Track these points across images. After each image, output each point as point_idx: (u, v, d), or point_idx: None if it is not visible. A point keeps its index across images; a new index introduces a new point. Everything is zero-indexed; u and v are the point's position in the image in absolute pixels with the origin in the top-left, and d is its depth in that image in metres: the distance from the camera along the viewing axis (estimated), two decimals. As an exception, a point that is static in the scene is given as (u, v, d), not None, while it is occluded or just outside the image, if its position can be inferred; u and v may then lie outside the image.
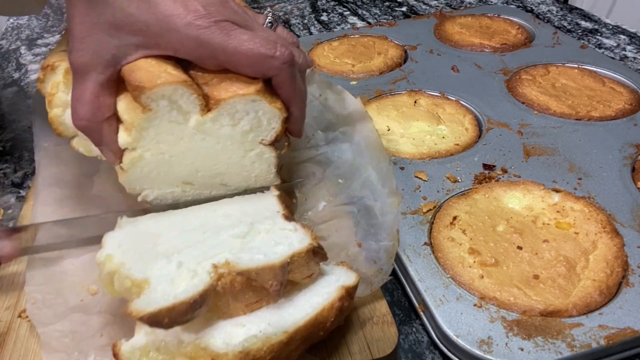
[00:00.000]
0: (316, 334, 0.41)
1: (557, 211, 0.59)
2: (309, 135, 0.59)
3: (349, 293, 0.43)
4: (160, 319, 0.37)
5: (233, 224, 0.46)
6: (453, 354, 0.47)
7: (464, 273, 0.52)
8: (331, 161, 0.57)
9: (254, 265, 0.40)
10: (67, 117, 0.50)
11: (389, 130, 0.76)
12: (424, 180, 0.65)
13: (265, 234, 0.45)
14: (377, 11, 1.29)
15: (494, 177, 0.65)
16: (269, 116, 0.49)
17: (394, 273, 0.52)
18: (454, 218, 0.59)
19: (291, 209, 0.51)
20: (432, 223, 0.59)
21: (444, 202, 0.62)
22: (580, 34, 1.10)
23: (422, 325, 0.51)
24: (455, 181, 0.65)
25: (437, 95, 0.84)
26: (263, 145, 0.51)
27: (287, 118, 0.49)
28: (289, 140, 0.54)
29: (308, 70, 0.59)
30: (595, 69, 0.89)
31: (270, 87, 0.48)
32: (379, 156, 0.52)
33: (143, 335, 0.39)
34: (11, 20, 1.32)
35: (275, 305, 0.41)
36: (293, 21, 1.25)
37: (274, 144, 0.51)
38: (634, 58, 0.98)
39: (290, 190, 0.57)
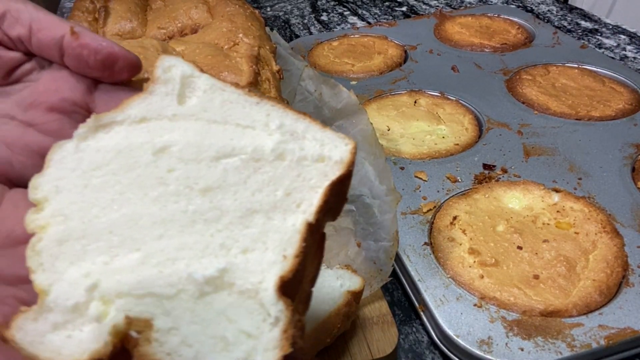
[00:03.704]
0: (323, 340, 0.41)
1: (557, 211, 0.59)
2: None
3: (355, 298, 0.43)
4: None
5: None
6: (453, 354, 0.47)
7: (464, 273, 0.52)
8: None
9: None
10: None
11: (389, 130, 0.76)
12: (424, 180, 0.65)
13: None
14: (377, 11, 1.29)
15: (494, 177, 0.65)
16: None
17: (394, 273, 0.52)
18: (454, 218, 0.59)
19: None
20: (432, 223, 0.59)
21: (444, 202, 0.62)
22: (580, 34, 1.10)
23: (422, 325, 0.51)
24: (455, 181, 0.65)
25: (437, 95, 0.84)
26: None
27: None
28: None
29: (303, 67, 0.59)
30: (595, 69, 0.89)
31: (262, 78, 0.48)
32: (375, 151, 0.52)
33: None
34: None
35: None
36: (293, 21, 1.25)
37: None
38: (634, 58, 0.98)
39: None
